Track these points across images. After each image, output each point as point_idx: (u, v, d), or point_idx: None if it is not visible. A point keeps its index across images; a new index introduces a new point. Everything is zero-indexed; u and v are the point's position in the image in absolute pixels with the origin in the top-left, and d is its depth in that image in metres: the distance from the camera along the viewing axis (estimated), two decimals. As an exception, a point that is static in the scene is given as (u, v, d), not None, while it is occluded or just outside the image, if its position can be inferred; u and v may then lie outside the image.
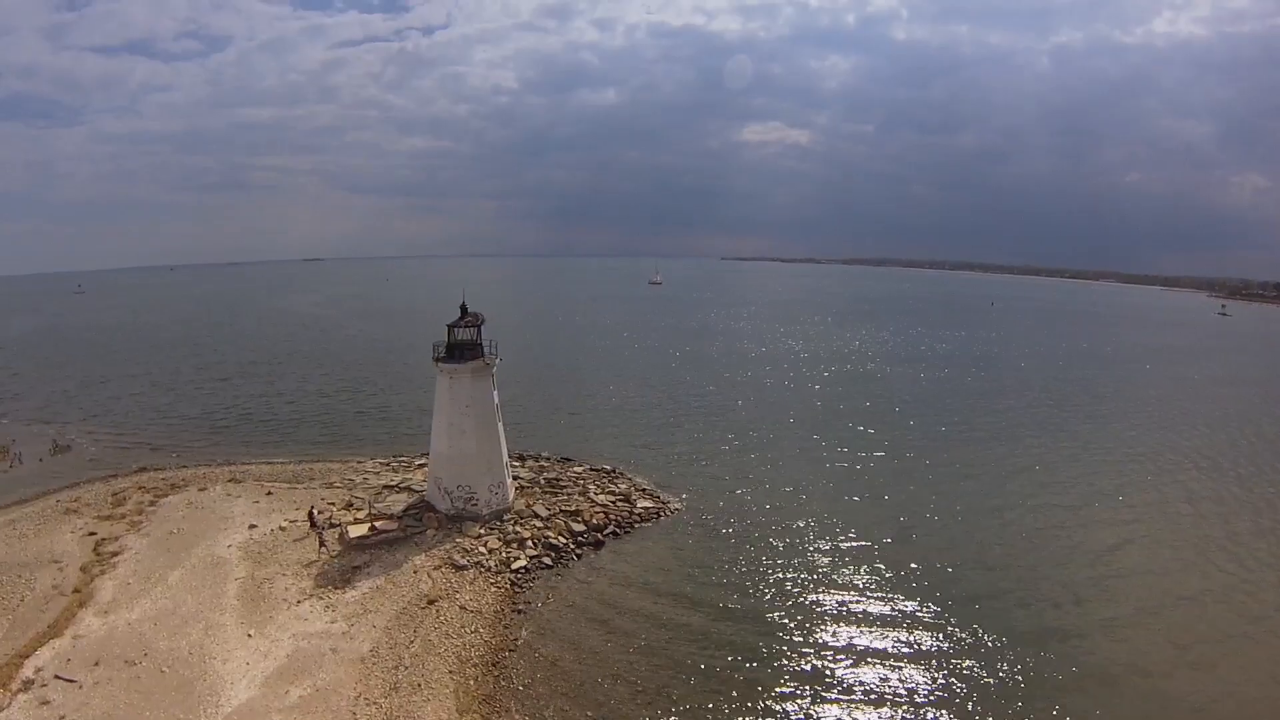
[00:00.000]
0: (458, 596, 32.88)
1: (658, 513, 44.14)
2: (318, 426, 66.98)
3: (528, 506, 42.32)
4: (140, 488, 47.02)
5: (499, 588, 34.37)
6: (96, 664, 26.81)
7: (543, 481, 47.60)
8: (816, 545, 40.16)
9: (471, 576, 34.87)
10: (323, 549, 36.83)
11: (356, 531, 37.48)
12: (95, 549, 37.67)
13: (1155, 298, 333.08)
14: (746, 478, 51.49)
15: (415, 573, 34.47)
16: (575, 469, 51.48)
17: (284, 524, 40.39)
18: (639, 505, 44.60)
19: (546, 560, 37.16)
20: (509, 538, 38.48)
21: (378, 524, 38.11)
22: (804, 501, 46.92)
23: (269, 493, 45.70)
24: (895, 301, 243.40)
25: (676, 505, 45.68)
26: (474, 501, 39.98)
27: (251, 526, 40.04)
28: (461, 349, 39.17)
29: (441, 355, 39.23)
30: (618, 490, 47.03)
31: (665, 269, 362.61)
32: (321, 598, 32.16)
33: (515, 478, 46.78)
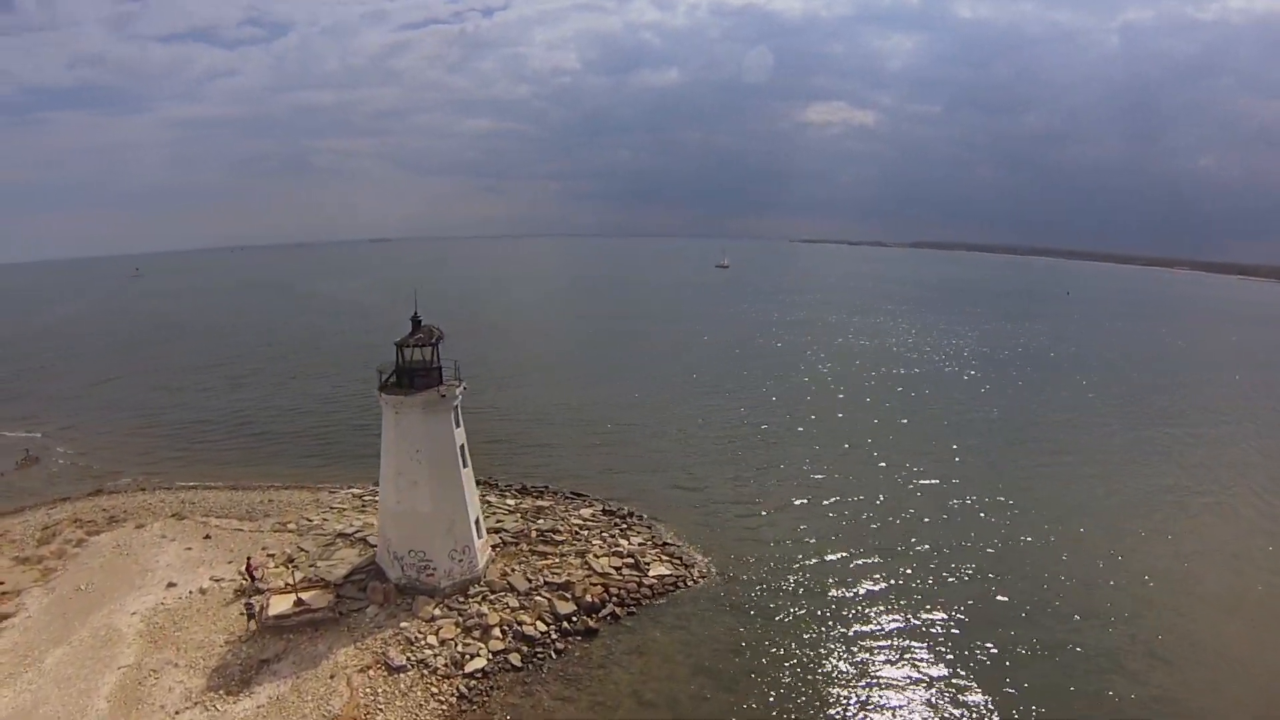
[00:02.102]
0: (380, 717, 28.05)
1: (676, 583, 38.40)
2: (310, 441, 66.16)
3: (503, 576, 37.22)
4: (76, 521, 46.28)
5: (442, 701, 29.38)
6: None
7: (534, 535, 42.44)
8: (885, 641, 34.07)
9: (409, 683, 30.06)
10: (253, 620, 33.45)
11: (278, 606, 33.68)
12: (-11, 607, 36.05)
13: (1235, 288, 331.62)
14: (798, 530, 45.76)
15: (333, 676, 30.05)
16: (583, 512, 46.70)
17: (207, 584, 37.66)
18: (652, 573, 38.89)
19: (514, 659, 31.91)
20: (470, 623, 33.53)
21: (305, 597, 34.14)
22: (868, 567, 41.19)
23: (207, 536, 43.64)
24: (965, 289, 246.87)
25: (702, 572, 40.02)
26: (430, 571, 35.23)
27: (170, 585, 37.60)
28: (412, 374, 34.22)
29: (387, 382, 34.45)
30: (628, 547, 41.62)
31: (731, 251, 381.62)
32: (207, 708, 28.41)
33: (498, 531, 41.97)
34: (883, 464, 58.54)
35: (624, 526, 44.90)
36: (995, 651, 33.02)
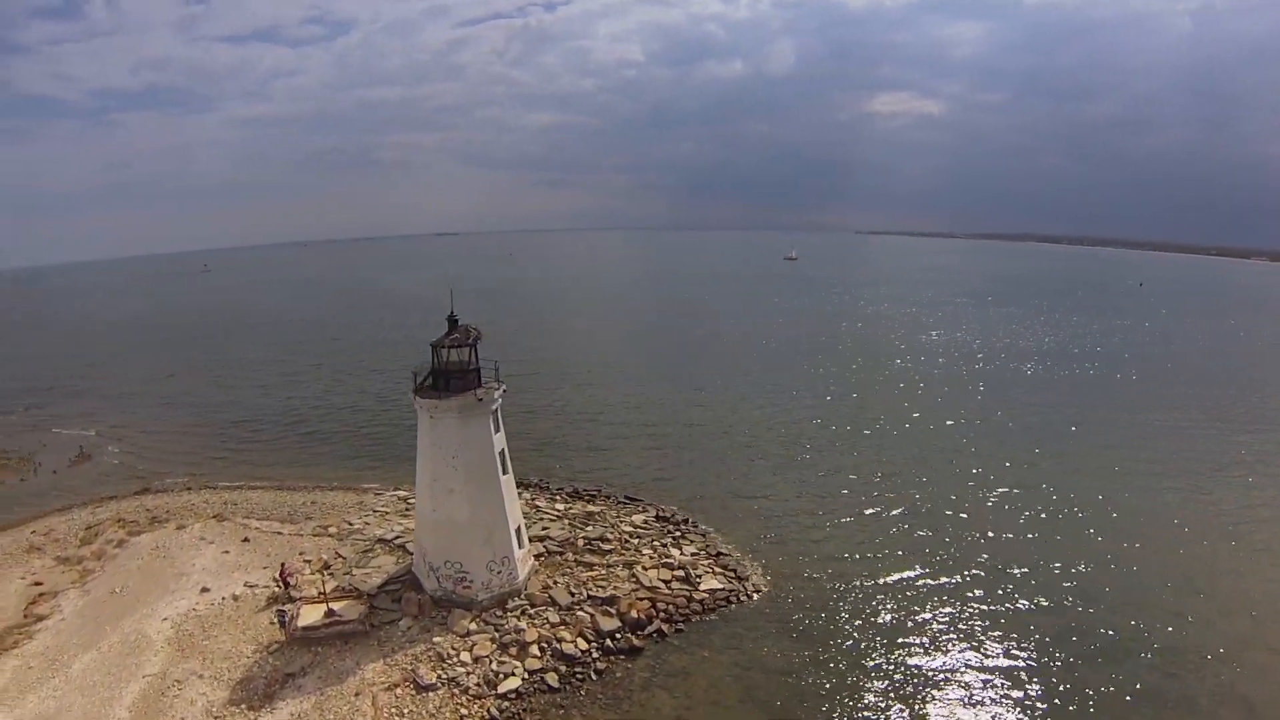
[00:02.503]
0: (405, 742, 26.69)
1: (728, 599, 36.35)
2: (360, 440, 66.48)
3: (545, 589, 35.50)
4: (119, 521, 47.07)
5: (474, 725, 27.81)
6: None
7: (580, 544, 40.72)
8: (950, 674, 31.03)
9: (437, 703, 28.59)
10: (283, 629, 32.89)
11: (308, 617, 32.85)
12: (28, 607, 36.88)
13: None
14: (862, 543, 43.27)
15: (358, 694, 28.83)
16: (634, 518, 45.08)
17: (241, 590, 37.29)
18: (703, 586, 36.88)
19: (551, 679, 30.16)
20: (507, 639, 31.93)
21: (336, 607, 33.21)
22: (936, 587, 38.17)
23: (246, 539, 43.52)
24: (1034, 281, 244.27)
25: (758, 585, 37.91)
26: (466, 583, 33.80)
27: (204, 590, 37.40)
28: (448, 376, 32.82)
29: (422, 384, 33.17)
30: (680, 558, 39.63)
31: (798, 243, 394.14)
32: (227, 722, 27.55)
33: (542, 539, 40.40)
34: (956, 471, 54.89)
35: (677, 535, 42.90)
36: (1070, 693, 29.37)
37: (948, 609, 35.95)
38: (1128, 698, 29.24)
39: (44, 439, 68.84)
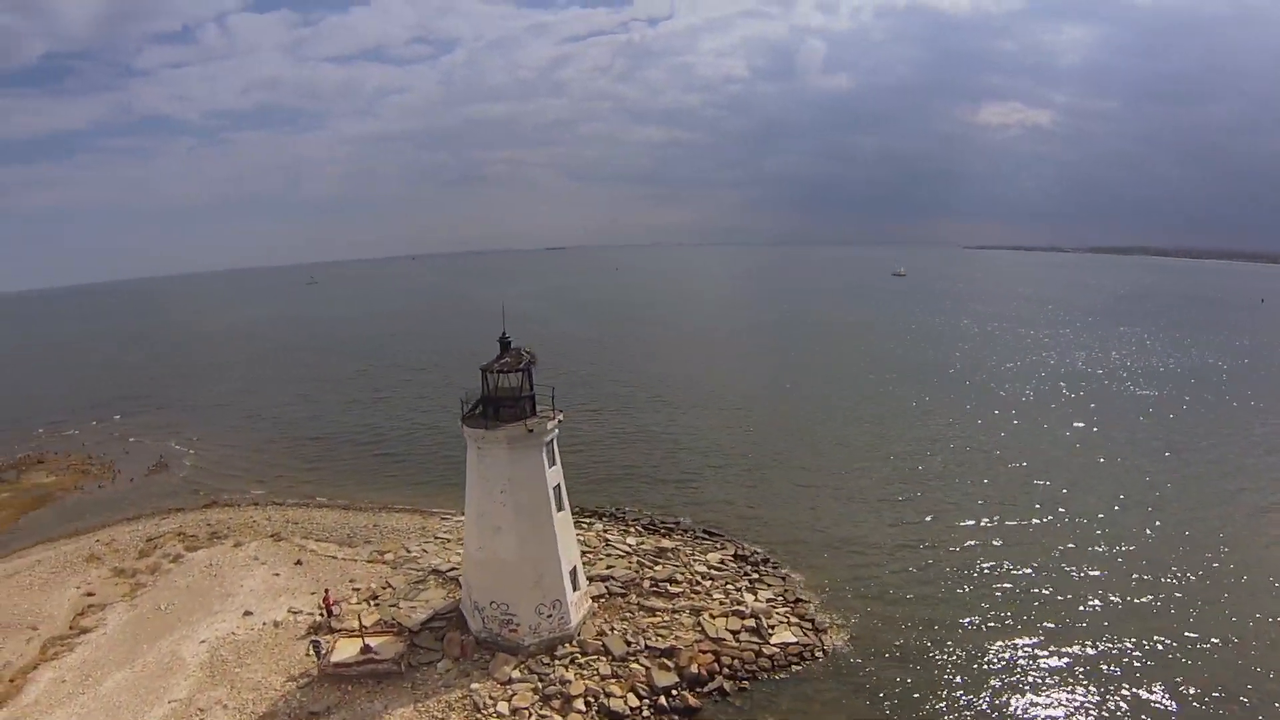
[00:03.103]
0: (428, 807, 24.79)
1: (801, 654, 32.99)
2: (436, 462, 66.08)
3: (599, 636, 33.09)
4: (180, 534, 48.37)
5: (506, 793, 25.63)
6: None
7: (646, 585, 38.23)
8: None
9: (469, 763, 26.61)
10: (319, 659, 32.16)
11: (342, 652, 31.80)
12: (76, 618, 37.85)
13: None
14: (962, 594, 39.20)
15: (385, 746, 27.26)
16: (710, 557, 42.61)
17: (283, 615, 36.87)
18: (775, 639, 33.61)
19: (594, 741, 27.63)
20: (550, 690, 29.66)
21: (373, 643, 32.02)
22: (1047, 653, 33.66)
23: (298, 561, 43.48)
24: (1149, 297, 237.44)
25: (837, 641, 34.51)
26: (513, 626, 31.84)
27: (246, 614, 37.21)
28: (498, 403, 31.31)
29: (471, 411, 31.82)
30: (752, 605, 36.62)
31: (904, 258, 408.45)
32: (242, 765, 26.58)
33: (604, 579, 38.15)
34: (1075, 514, 49.27)
35: (755, 577, 40.17)
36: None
37: (1057, 678, 31.37)
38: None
39: (128, 447, 73.06)
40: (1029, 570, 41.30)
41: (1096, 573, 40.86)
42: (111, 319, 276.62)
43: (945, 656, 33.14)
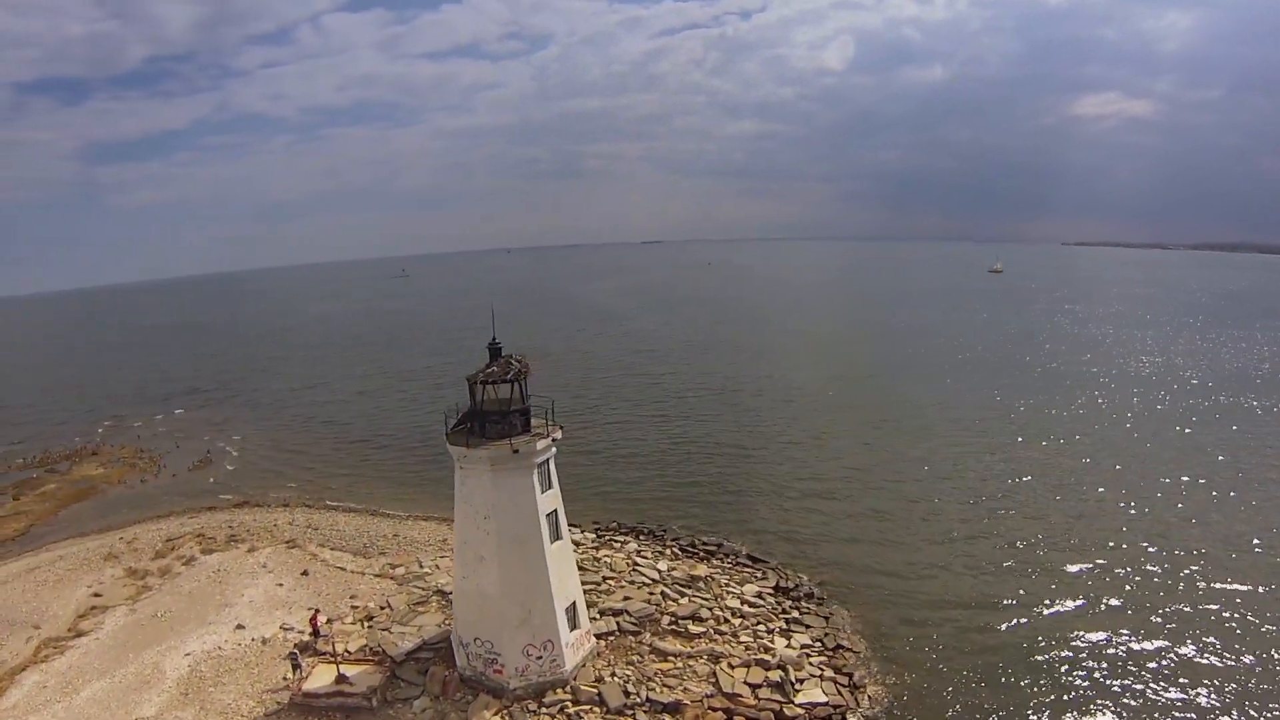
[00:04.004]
0: None
1: (830, 718, 30.05)
2: None
3: (596, 683, 31.32)
4: (199, 536, 50.03)
5: None
6: None
7: (664, 622, 36.18)
8: None
9: (427, 824, 25.49)
10: (297, 674, 32.38)
11: (317, 680, 31.41)
12: (78, 619, 39.38)
13: None
14: (1033, 650, 34.99)
15: (336, 793, 26.52)
16: (747, 589, 40.44)
17: (274, 632, 37.06)
18: (801, 698, 30.87)
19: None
20: (532, 747, 28.22)
21: (350, 673, 31.49)
22: None
23: (305, 572, 43.93)
24: (1256, 297, 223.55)
25: (876, 703, 31.38)
26: (497, 666, 30.54)
27: (238, 627, 37.66)
28: (484, 419, 29.97)
29: (458, 426, 30.57)
30: (781, 652, 33.86)
31: (1002, 255, 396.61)
32: (187, 799, 26.45)
33: (617, 613, 36.32)
34: (1178, 549, 44.27)
35: (792, 616, 37.60)
36: None
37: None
38: None
39: (179, 441, 77.12)
40: (1136, 648, 35.51)
41: (1206, 620, 35.45)
42: (203, 312, 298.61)
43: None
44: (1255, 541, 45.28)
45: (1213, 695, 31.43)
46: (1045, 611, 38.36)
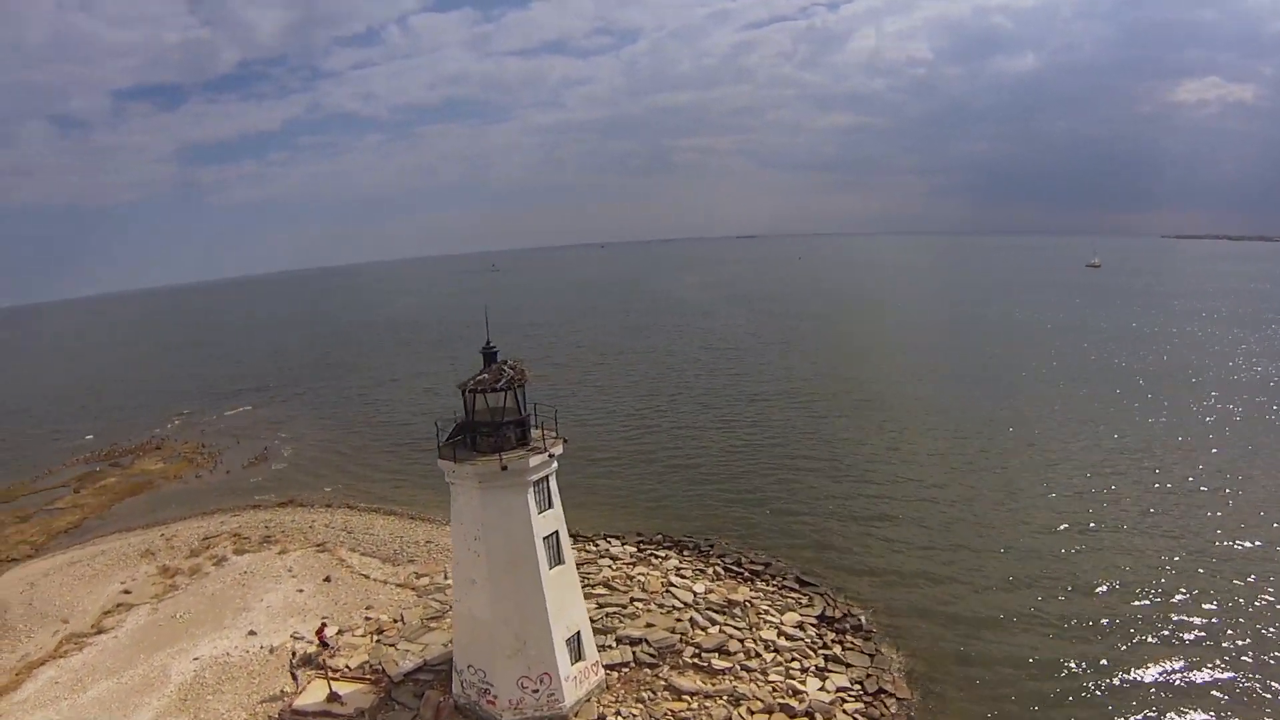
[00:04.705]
0: None
1: None
2: None
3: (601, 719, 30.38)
4: (235, 535, 52.01)
5: None
6: None
7: (687, 654, 34.81)
8: None
9: None
10: (296, 682, 33.20)
11: (307, 697, 31.77)
12: (103, 616, 41.38)
13: None
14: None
15: (307, 819, 26.62)
16: (787, 618, 38.59)
17: (283, 641, 37.80)
18: None
19: None
20: (519, 790, 27.56)
21: (342, 691, 31.70)
22: None
23: (327, 579, 44.78)
24: None
25: None
26: (490, 697, 30.02)
27: (250, 634, 38.66)
28: (475, 431, 29.38)
29: (452, 437, 30.08)
30: (813, 698, 31.84)
31: (1100, 249, 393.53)
32: (161, 813, 27.11)
33: (635, 643, 35.23)
34: None
35: (833, 652, 35.42)
36: None
37: None
38: None
39: (240, 438, 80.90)
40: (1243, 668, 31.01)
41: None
42: (292, 308, 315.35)
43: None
44: None
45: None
46: (1144, 691, 33.63)
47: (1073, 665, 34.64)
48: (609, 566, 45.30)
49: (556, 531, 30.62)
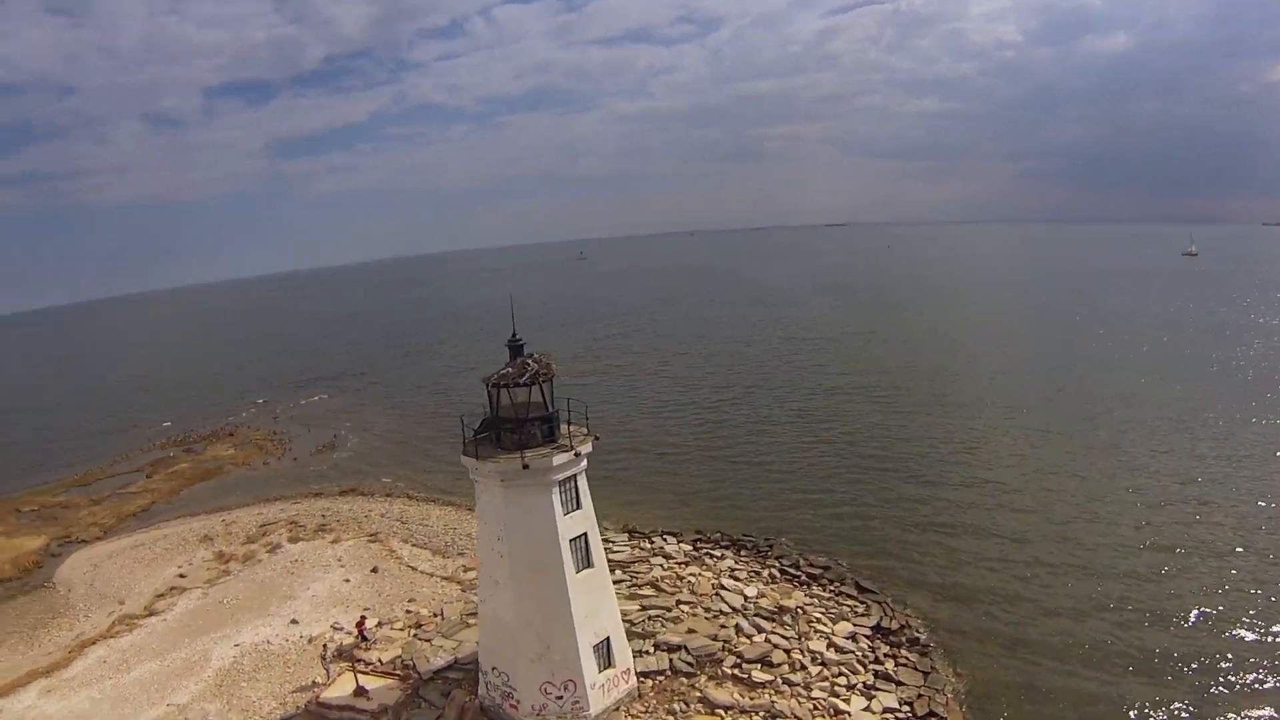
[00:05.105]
0: None
1: None
2: (594, 466, 65.62)
3: (627, 738, 29.71)
4: (291, 523, 53.69)
5: None
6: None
7: (727, 664, 33.75)
8: None
9: None
10: (328, 674, 33.82)
11: (334, 689, 32.19)
12: (155, 598, 43.28)
13: None
14: None
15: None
16: (837, 628, 36.92)
17: (323, 631, 38.62)
18: None
19: None
20: (538, 800, 27.20)
21: (370, 687, 32.00)
22: None
23: (375, 569, 45.57)
24: None
25: None
26: (513, 701, 29.72)
27: (292, 622, 39.70)
28: (500, 427, 28.98)
29: (478, 434, 29.73)
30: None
31: (1197, 236, 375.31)
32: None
33: (675, 649, 34.36)
34: None
35: (885, 668, 33.68)
36: None
37: None
38: None
39: (311, 425, 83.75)
40: None
41: None
42: (378, 296, 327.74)
43: None
44: None
45: None
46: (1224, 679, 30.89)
47: (1148, 710, 31.98)
48: (661, 566, 44.41)
49: (585, 534, 29.89)
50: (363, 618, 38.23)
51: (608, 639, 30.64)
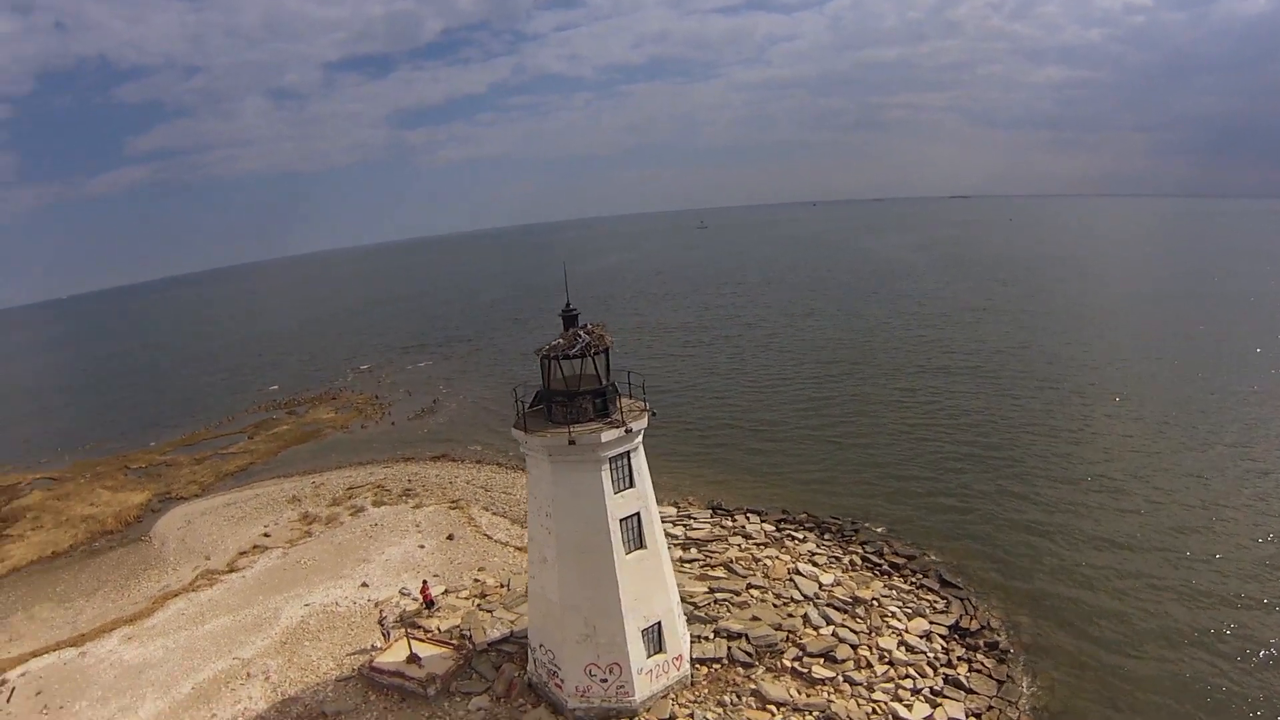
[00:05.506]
0: None
1: None
2: (689, 437, 64.50)
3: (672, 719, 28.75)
4: (378, 486, 55.31)
5: None
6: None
7: (789, 656, 32.21)
8: None
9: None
10: (385, 637, 34.76)
11: (389, 655, 32.64)
12: (238, 556, 45.43)
13: None
14: None
15: (357, 782, 27.27)
16: (911, 624, 35.03)
17: (390, 594, 39.51)
18: None
19: None
20: (574, 785, 26.65)
21: (423, 655, 32.26)
22: None
23: (450, 536, 46.24)
24: None
25: None
26: (558, 680, 29.26)
27: (363, 585, 40.83)
28: (550, 399, 28.20)
29: (532, 406, 29.10)
30: None
31: None
32: (233, 751, 28.97)
33: (735, 637, 33.09)
34: None
35: (959, 672, 31.58)
36: None
37: None
38: None
39: (412, 391, 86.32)
40: None
41: None
42: (497, 263, 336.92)
43: None
44: None
45: None
46: None
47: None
48: (738, 546, 43.15)
49: (638, 514, 28.85)
50: (425, 584, 38.72)
51: (658, 624, 29.63)
